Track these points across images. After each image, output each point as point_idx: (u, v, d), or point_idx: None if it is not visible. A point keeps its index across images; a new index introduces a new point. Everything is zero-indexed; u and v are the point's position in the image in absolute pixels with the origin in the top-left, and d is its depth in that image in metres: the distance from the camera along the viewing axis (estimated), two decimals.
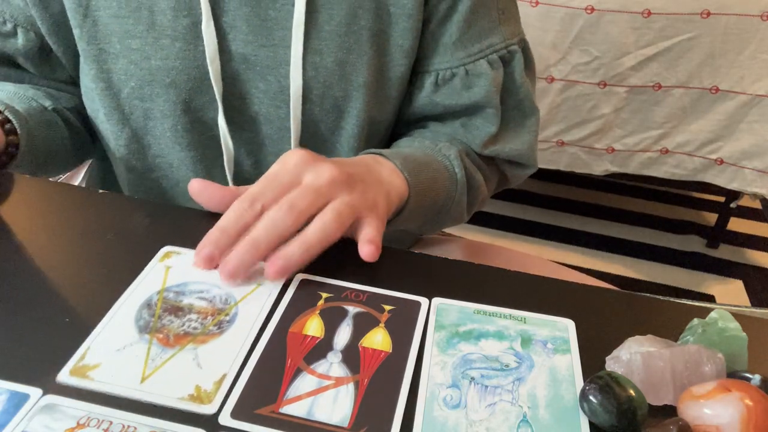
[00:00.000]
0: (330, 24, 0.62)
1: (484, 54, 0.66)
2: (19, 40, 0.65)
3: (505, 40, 0.67)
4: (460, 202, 0.68)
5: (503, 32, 0.67)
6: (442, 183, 0.65)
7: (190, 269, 0.51)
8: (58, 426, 0.38)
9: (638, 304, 0.52)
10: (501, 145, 0.70)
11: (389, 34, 0.64)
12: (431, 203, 0.64)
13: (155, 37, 0.61)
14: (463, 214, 0.71)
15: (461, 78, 0.66)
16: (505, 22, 0.67)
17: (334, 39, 0.62)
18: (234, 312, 0.47)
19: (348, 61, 0.63)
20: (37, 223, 0.56)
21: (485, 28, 0.66)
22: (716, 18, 1.55)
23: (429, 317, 0.49)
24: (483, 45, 0.66)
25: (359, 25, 0.62)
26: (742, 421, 0.38)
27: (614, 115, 1.72)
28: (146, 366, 0.42)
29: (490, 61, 0.66)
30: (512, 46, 0.68)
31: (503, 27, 0.67)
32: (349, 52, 0.63)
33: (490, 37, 0.66)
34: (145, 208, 0.58)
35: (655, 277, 1.92)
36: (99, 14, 0.61)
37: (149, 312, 0.47)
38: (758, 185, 1.73)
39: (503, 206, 2.13)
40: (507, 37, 0.67)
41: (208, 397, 0.41)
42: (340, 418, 0.40)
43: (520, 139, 0.71)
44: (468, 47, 0.66)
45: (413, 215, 0.62)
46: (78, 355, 0.43)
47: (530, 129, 0.71)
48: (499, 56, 0.67)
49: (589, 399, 0.41)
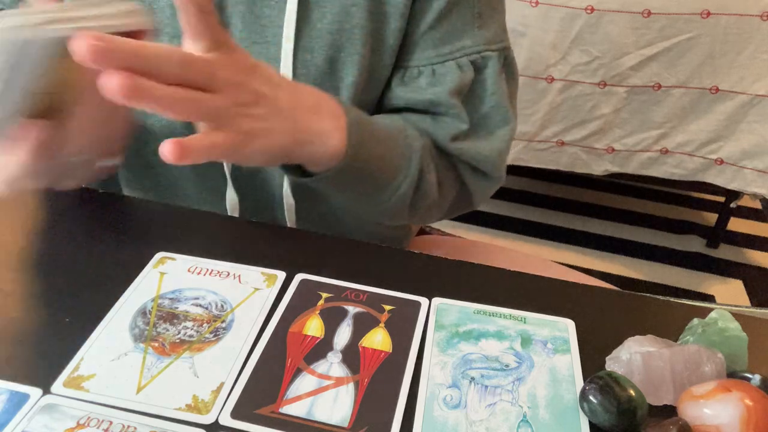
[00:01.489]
0: (322, 22, 0.62)
1: (453, 56, 0.65)
2: None
3: (478, 44, 0.66)
4: (404, 196, 0.64)
5: (478, 36, 0.66)
6: (390, 165, 0.62)
7: (185, 276, 0.50)
8: (58, 426, 0.38)
9: (638, 304, 0.52)
10: (468, 143, 0.67)
11: (382, 34, 0.64)
12: (369, 180, 0.61)
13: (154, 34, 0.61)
14: (404, 211, 0.66)
15: (427, 77, 0.65)
16: (483, 26, 0.66)
17: (325, 37, 0.62)
18: (230, 318, 0.47)
19: (339, 59, 0.63)
20: (35, 224, 0.56)
21: (458, 30, 0.65)
22: (716, 18, 1.55)
23: (429, 317, 0.49)
24: (454, 47, 0.65)
25: (352, 23, 0.62)
26: (742, 421, 0.38)
27: (614, 115, 1.72)
28: (142, 376, 0.42)
29: (460, 64, 0.65)
30: (487, 53, 0.66)
31: (480, 31, 0.66)
32: (340, 50, 0.63)
33: (463, 39, 0.65)
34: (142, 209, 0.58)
35: (655, 277, 1.92)
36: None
37: (144, 320, 0.46)
38: (758, 185, 1.73)
39: (503, 206, 2.13)
40: (482, 42, 0.66)
41: (205, 407, 0.40)
42: (340, 418, 0.40)
43: (489, 145, 0.68)
44: (438, 47, 0.65)
45: (341, 181, 0.58)
46: (72, 366, 0.42)
47: (501, 138, 0.68)
48: (470, 60, 0.66)
49: (589, 399, 0.41)
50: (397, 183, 0.62)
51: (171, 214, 0.59)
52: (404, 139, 0.63)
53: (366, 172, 0.59)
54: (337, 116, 0.56)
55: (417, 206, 0.66)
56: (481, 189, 0.72)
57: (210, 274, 0.51)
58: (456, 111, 0.65)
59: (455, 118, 0.66)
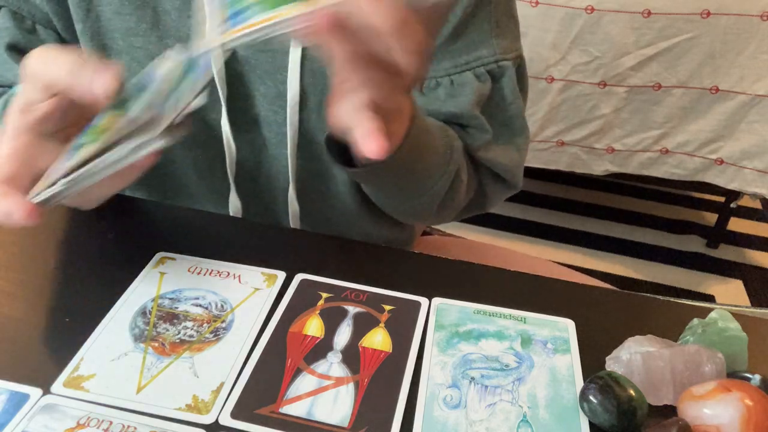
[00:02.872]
0: None
1: (470, 66, 0.65)
2: (40, 36, 0.65)
3: (495, 54, 0.66)
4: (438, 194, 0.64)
5: (495, 46, 0.66)
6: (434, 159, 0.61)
7: (185, 276, 0.50)
8: (58, 426, 0.38)
9: (638, 304, 0.52)
10: (490, 153, 0.68)
11: None
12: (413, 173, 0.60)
13: (159, 36, 0.61)
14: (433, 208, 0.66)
15: (445, 87, 0.65)
16: (500, 35, 0.66)
17: None
18: (230, 318, 0.47)
19: None
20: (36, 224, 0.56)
21: (475, 41, 0.65)
22: (716, 18, 1.55)
23: (429, 317, 0.49)
24: (471, 57, 0.65)
25: None
26: (742, 421, 0.38)
27: (614, 115, 1.72)
28: (142, 376, 0.42)
29: (477, 74, 0.65)
30: (504, 62, 0.66)
31: (496, 40, 0.66)
32: None
33: (480, 49, 0.65)
34: (142, 209, 0.58)
35: (655, 277, 1.92)
36: (102, 10, 0.61)
37: (144, 320, 0.46)
38: (758, 185, 1.73)
39: (503, 206, 2.13)
40: (499, 52, 0.66)
41: (205, 407, 0.40)
42: (340, 418, 0.40)
43: (509, 155, 0.68)
44: (455, 58, 0.65)
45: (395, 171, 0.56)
46: (72, 366, 0.42)
47: (519, 147, 0.69)
48: (487, 70, 0.66)
49: (589, 399, 0.41)
50: (435, 180, 0.61)
51: (171, 214, 0.59)
52: (446, 137, 0.63)
53: (412, 165, 0.57)
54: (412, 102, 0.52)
55: (444, 205, 0.66)
56: (498, 195, 0.73)
57: (210, 274, 0.51)
58: (479, 122, 0.65)
59: (479, 129, 0.66)
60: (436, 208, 0.66)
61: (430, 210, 0.66)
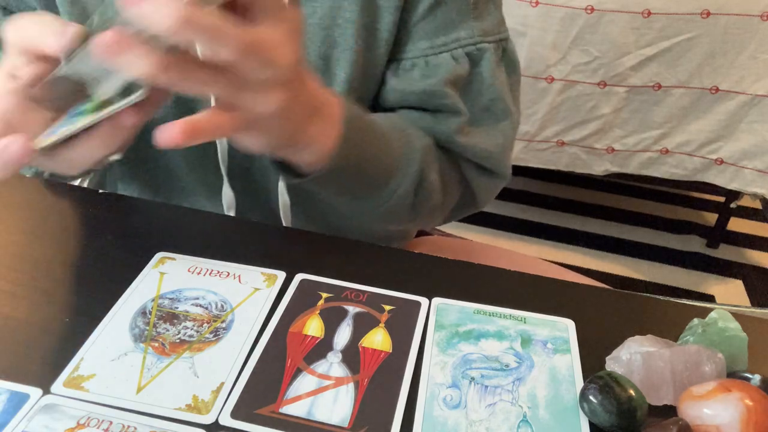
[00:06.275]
0: (313, 17, 0.61)
1: (448, 48, 0.64)
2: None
3: (474, 36, 0.65)
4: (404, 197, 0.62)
5: (474, 28, 0.65)
6: (386, 165, 0.60)
7: (185, 276, 0.50)
8: (58, 426, 0.38)
9: (638, 304, 0.52)
10: (470, 138, 0.66)
11: (376, 28, 0.63)
12: (363, 181, 0.59)
13: None
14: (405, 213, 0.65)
15: (421, 68, 0.64)
16: (479, 18, 0.65)
17: (317, 33, 0.61)
18: (230, 318, 0.47)
19: (332, 55, 0.62)
20: (35, 224, 0.56)
21: (453, 21, 0.64)
22: (716, 18, 1.55)
23: (429, 317, 0.49)
24: (448, 38, 0.64)
25: (344, 17, 0.61)
26: (742, 421, 0.38)
27: (614, 115, 1.72)
28: (142, 376, 0.42)
29: (455, 56, 0.64)
30: (483, 44, 0.65)
31: (475, 22, 0.65)
32: (333, 46, 0.62)
33: (458, 30, 0.64)
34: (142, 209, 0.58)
35: (655, 277, 1.92)
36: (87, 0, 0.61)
37: (144, 320, 0.46)
38: (758, 185, 1.73)
39: (503, 206, 2.13)
40: (478, 34, 0.65)
41: (205, 407, 0.40)
42: (340, 418, 0.40)
43: (492, 140, 0.66)
44: (432, 38, 0.64)
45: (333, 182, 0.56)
46: (72, 366, 0.42)
47: (504, 132, 0.67)
48: (465, 52, 0.65)
49: (589, 399, 0.41)
50: (395, 183, 0.61)
51: (171, 214, 0.59)
52: (403, 138, 0.62)
53: (359, 172, 0.57)
54: (334, 119, 0.54)
55: (419, 209, 0.65)
56: (485, 188, 0.71)
57: (210, 274, 0.51)
58: (451, 101, 0.64)
59: (452, 109, 0.64)
60: (409, 211, 0.64)
61: (402, 214, 0.64)
